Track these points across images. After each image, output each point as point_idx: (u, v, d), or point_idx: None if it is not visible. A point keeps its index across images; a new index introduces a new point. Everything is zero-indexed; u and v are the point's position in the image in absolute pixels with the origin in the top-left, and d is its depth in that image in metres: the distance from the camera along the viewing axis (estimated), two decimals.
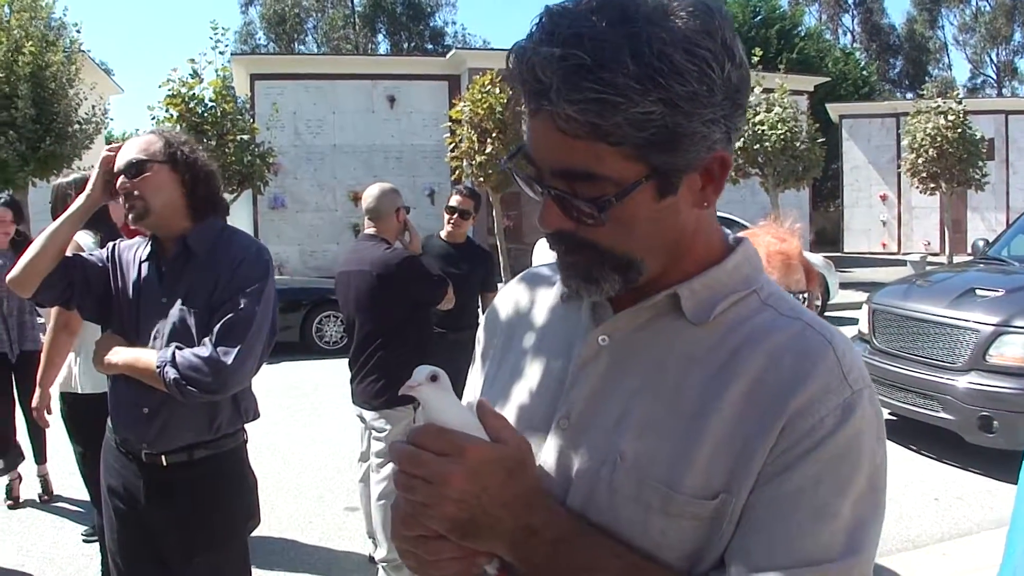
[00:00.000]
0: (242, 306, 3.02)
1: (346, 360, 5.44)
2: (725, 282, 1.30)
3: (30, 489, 6.99)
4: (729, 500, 1.18)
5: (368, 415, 5.31)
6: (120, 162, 3.09)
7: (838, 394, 1.18)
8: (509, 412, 1.39)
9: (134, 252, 3.24)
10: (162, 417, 3.06)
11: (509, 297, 1.60)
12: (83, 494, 5.56)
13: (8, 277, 3.15)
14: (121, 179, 3.06)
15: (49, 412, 5.09)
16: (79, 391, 4.96)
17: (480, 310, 6.72)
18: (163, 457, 3.09)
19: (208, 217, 3.19)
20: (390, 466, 5.02)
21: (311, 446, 8.61)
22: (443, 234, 6.63)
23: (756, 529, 1.17)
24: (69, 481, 6.43)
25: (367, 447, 5.53)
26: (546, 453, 1.32)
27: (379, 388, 5.18)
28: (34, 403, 5.06)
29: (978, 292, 8.12)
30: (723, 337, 1.26)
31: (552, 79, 1.11)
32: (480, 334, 1.63)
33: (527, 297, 1.55)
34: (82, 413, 4.87)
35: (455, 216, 6.53)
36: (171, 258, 3.13)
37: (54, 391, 5.04)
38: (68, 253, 3.20)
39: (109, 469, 3.25)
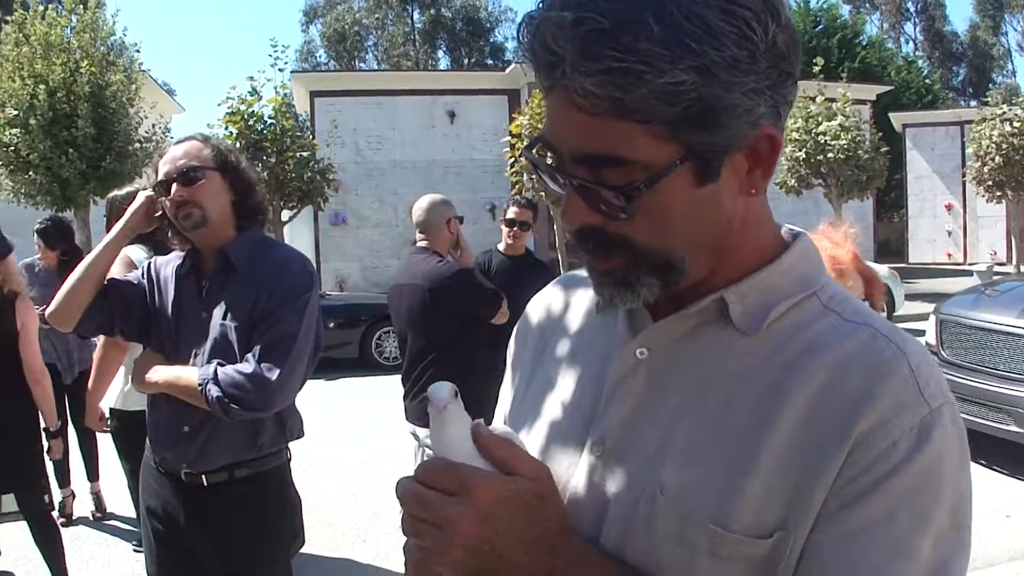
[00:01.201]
0: (286, 321, 2.92)
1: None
2: (780, 284, 1.13)
3: (83, 507, 6.99)
4: (787, 538, 1.01)
5: (421, 432, 5.19)
6: (170, 169, 2.97)
7: (914, 412, 1.00)
8: (539, 431, 1.25)
9: (171, 268, 3.15)
10: (203, 436, 2.98)
11: (542, 303, 1.44)
12: (135, 512, 5.51)
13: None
14: (175, 187, 2.94)
15: (106, 425, 5.08)
16: (128, 408, 4.90)
17: None
18: (204, 477, 3.00)
19: (249, 228, 3.10)
20: None
21: (368, 463, 8.53)
22: (502, 247, 6.54)
23: (821, 572, 0.99)
24: (122, 499, 6.40)
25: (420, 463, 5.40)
26: (577, 482, 1.16)
27: None
28: (87, 421, 5.05)
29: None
30: (778, 348, 1.09)
31: (566, 48, 0.95)
32: (511, 344, 1.47)
33: (561, 302, 1.39)
34: (131, 430, 4.81)
35: (514, 228, 6.44)
36: (211, 272, 3.04)
37: (104, 408, 5.01)
38: (119, 270, 3.11)
39: (148, 489, 3.17)
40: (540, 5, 1.00)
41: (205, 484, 3.01)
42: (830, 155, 22.89)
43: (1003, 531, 6.36)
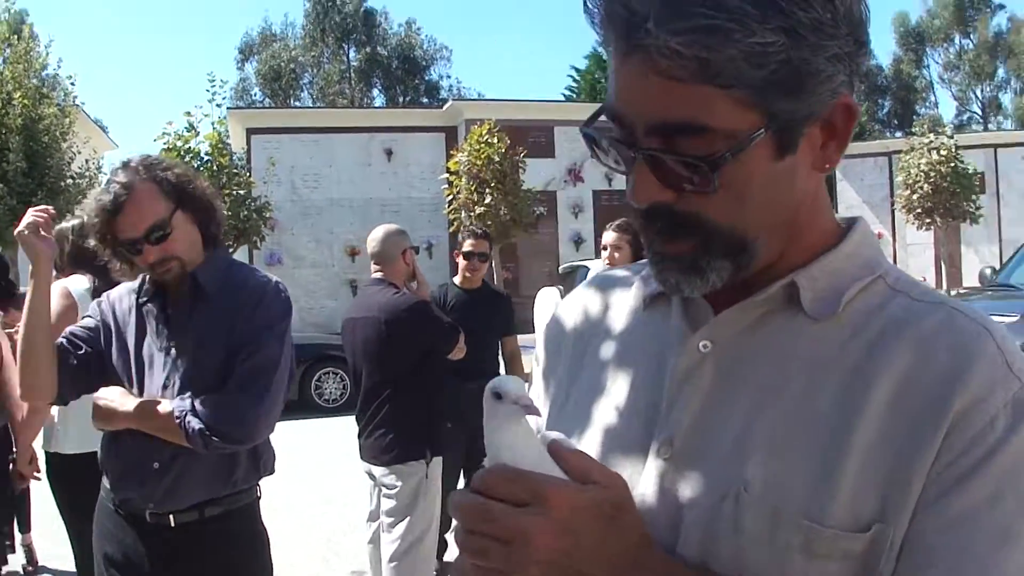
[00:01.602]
0: (266, 348, 2.80)
1: (347, 418, 5.23)
2: (847, 268, 1.08)
3: (14, 560, 6.62)
4: (886, 531, 0.95)
5: (378, 471, 5.06)
6: (134, 235, 2.76)
7: (1006, 388, 0.95)
8: (592, 439, 1.15)
9: (130, 299, 2.97)
10: (174, 472, 2.80)
11: (576, 305, 1.34)
12: (70, 563, 5.23)
13: (21, 397, 2.91)
14: (147, 249, 2.75)
15: (38, 471, 4.84)
16: (65, 451, 4.67)
17: (500, 356, 6.57)
18: (171, 517, 2.81)
19: (212, 249, 2.95)
20: (402, 525, 4.86)
21: (315, 506, 8.39)
22: (458, 280, 6.50)
23: (927, 563, 0.93)
24: (55, 551, 6.12)
25: (376, 505, 5.24)
26: (644, 489, 1.07)
27: (388, 442, 4.93)
28: (18, 466, 4.80)
29: (993, 318, 7.95)
30: (855, 332, 1.03)
31: (650, 7, 0.90)
32: (539, 352, 1.37)
33: (599, 303, 1.30)
34: (69, 473, 4.58)
35: (472, 260, 6.41)
36: (179, 299, 2.87)
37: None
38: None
39: (106, 535, 2.95)
40: None
41: (172, 525, 2.82)
42: None
43: None
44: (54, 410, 4.63)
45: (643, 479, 1.08)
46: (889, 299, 1.06)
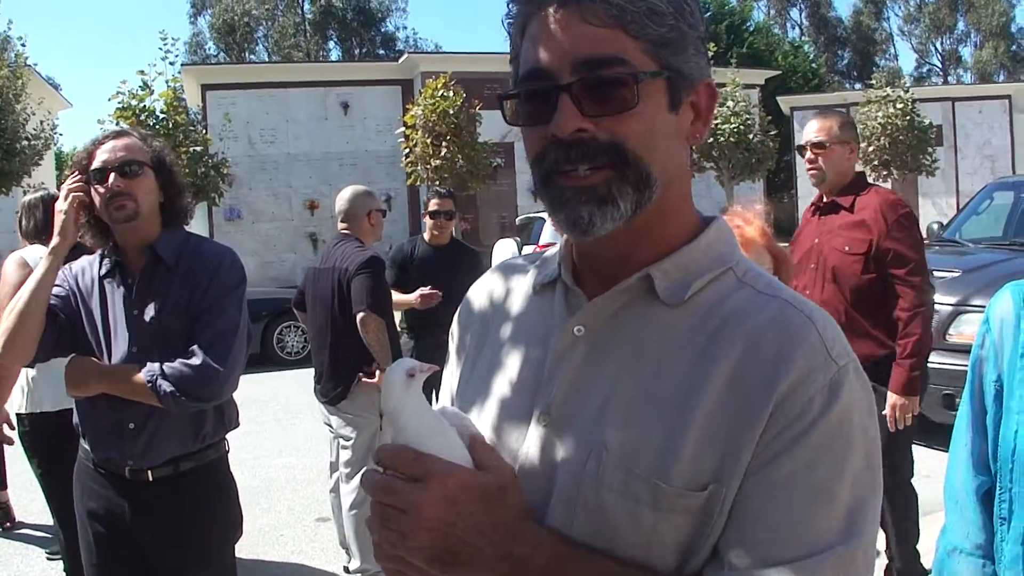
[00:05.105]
0: (226, 313, 3.02)
1: (308, 370, 5.43)
2: (699, 261, 1.26)
3: None
4: (719, 491, 1.14)
5: (335, 422, 5.33)
6: (110, 158, 2.98)
7: (824, 372, 1.14)
8: (489, 409, 1.35)
9: (92, 271, 3.15)
10: (148, 431, 3.01)
11: (483, 289, 1.54)
12: (47, 518, 5.46)
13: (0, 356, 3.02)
14: (113, 177, 2.95)
15: (11, 431, 5.01)
16: (38, 411, 4.87)
17: None
18: (149, 472, 3.05)
19: (174, 226, 3.15)
20: (359, 476, 5.10)
21: (278, 458, 8.55)
22: (427, 237, 6.71)
23: (751, 519, 1.13)
24: (32, 507, 6.30)
25: (336, 456, 5.53)
26: (528, 449, 1.26)
27: (338, 384, 5.23)
28: None
29: (935, 274, 8.15)
30: (702, 320, 1.21)
31: None
32: (454, 329, 1.57)
33: (501, 288, 1.49)
34: (43, 432, 4.79)
35: (438, 219, 6.62)
36: (139, 270, 3.07)
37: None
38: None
39: (88, 492, 3.17)
40: None
41: (151, 479, 3.05)
42: (721, 139, 23.46)
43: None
44: (24, 373, 4.83)
45: (527, 442, 1.26)
46: (735, 290, 1.24)
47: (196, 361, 2.91)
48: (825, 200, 4.76)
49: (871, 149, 26.64)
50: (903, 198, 4.79)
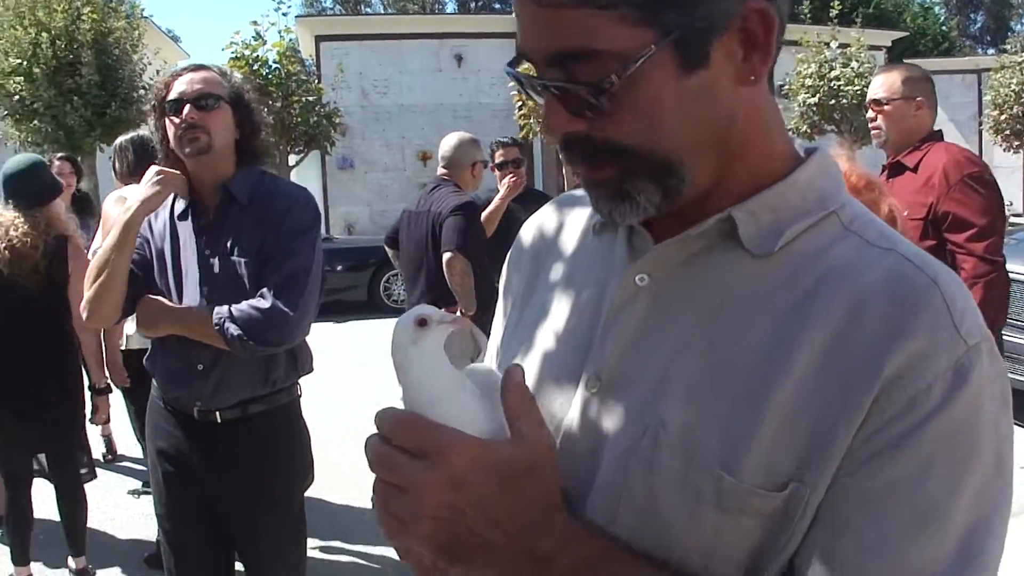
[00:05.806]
0: (298, 255, 2.92)
1: None
2: (794, 202, 1.00)
3: (95, 450, 6.94)
4: (802, 491, 0.90)
5: None
6: (186, 90, 2.92)
7: (949, 352, 0.88)
8: (532, 364, 1.12)
9: (162, 215, 3.10)
10: (217, 373, 2.97)
11: (535, 224, 1.30)
12: (142, 452, 5.54)
13: (85, 319, 3.01)
14: (188, 108, 2.89)
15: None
16: (127, 347, 4.92)
17: None
18: (217, 414, 3.00)
19: (248, 166, 3.07)
20: None
21: (378, 403, 8.38)
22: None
23: (837, 535, 0.89)
24: (130, 440, 6.43)
25: None
26: (571, 420, 1.04)
27: None
28: (112, 376, 5.03)
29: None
30: (794, 275, 0.96)
31: None
32: (504, 270, 1.34)
33: (556, 223, 1.25)
34: (132, 369, 4.83)
35: (505, 169, 6.29)
36: (212, 209, 3.00)
37: None
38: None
39: (158, 430, 3.16)
40: None
41: (219, 421, 3.01)
42: (843, 101, 22.67)
43: (1019, 481, 6.30)
44: None
45: (572, 410, 1.05)
46: (839, 240, 0.98)
47: (265, 304, 2.82)
48: (890, 161, 4.42)
49: (1003, 118, 25.45)
50: (977, 157, 4.39)
